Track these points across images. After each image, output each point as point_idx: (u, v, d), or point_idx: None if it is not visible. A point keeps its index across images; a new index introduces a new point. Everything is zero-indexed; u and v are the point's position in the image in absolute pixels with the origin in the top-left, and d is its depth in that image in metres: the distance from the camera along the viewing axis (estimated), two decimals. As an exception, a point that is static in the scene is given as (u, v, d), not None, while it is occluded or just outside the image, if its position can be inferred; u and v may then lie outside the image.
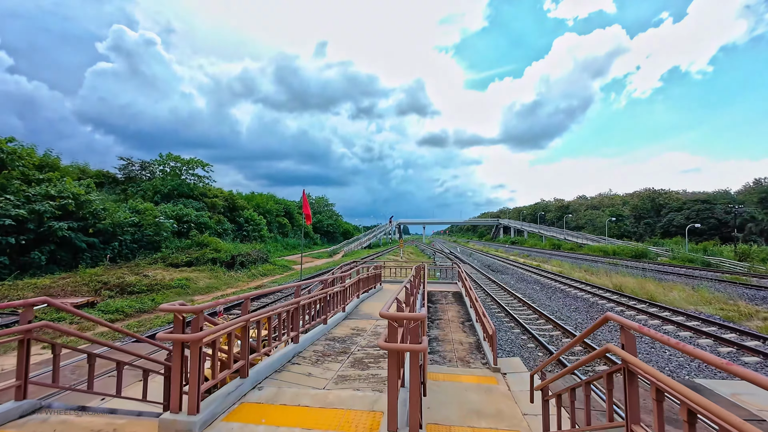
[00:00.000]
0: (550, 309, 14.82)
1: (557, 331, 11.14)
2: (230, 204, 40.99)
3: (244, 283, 21.21)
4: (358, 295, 9.65)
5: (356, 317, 8.19)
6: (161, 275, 18.63)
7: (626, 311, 13.73)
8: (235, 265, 23.92)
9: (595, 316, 13.51)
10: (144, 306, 13.56)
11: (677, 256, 37.01)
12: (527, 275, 26.69)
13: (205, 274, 20.73)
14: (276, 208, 57.81)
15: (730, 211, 61.41)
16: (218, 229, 34.76)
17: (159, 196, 31.43)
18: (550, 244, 68.50)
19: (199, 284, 18.64)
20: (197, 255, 22.83)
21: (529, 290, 19.89)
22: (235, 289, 19.14)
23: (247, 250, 26.52)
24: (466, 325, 9.90)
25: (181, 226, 28.80)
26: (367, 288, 11.27)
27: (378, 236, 78.01)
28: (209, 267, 21.99)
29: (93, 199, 21.53)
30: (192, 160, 35.90)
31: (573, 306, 15.58)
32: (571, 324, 12.29)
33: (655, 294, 17.23)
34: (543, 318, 12.80)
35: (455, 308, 11.59)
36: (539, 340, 9.76)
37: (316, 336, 6.15)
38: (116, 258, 21.84)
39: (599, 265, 33.09)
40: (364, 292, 10.79)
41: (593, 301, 15.93)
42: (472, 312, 10.45)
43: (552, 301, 16.94)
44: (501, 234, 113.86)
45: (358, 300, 9.63)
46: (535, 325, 11.93)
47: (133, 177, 33.32)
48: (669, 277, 23.96)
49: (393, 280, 16.45)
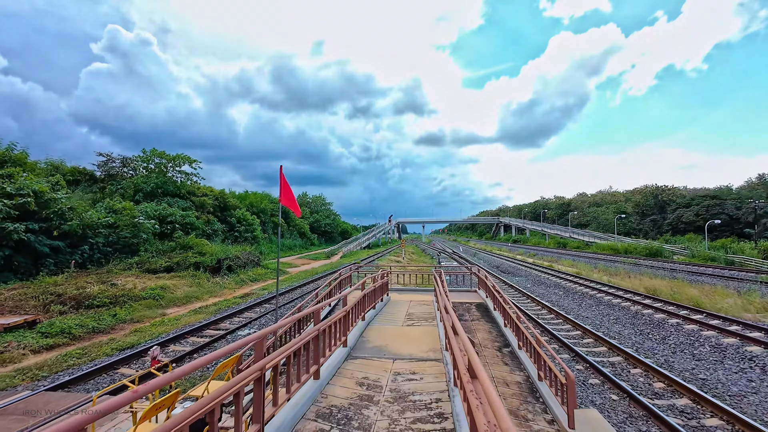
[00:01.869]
0: (588, 320, 12.53)
1: (617, 356, 8.83)
2: (221, 203, 38.54)
3: (230, 290, 18.80)
4: (363, 316, 7.31)
5: (363, 354, 5.82)
6: (133, 283, 16.20)
7: (683, 324, 11.44)
8: (222, 270, 21.50)
9: (648, 331, 11.24)
10: (101, 324, 11.15)
11: (696, 255, 34.89)
12: (543, 277, 24.43)
13: (185, 281, 18.31)
14: (271, 208, 55.33)
15: (740, 207, 59.60)
16: (207, 230, 32.33)
17: (141, 195, 28.91)
18: (555, 243, 66.39)
19: (177, 293, 16.22)
20: (178, 259, 20.39)
21: (552, 295, 17.61)
22: (218, 298, 16.74)
23: (236, 253, 24.09)
24: (505, 354, 7.57)
25: (164, 227, 26.33)
26: (373, 303, 8.92)
27: (377, 236, 75.67)
28: (191, 272, 19.56)
29: (59, 197, 19.05)
30: (178, 156, 33.38)
31: (612, 316, 13.30)
32: (628, 344, 10.00)
33: (700, 299, 15.01)
34: (590, 335, 10.50)
35: (484, 327, 9.25)
36: (605, 374, 7.42)
37: (300, 409, 3.76)
38: (86, 263, 19.38)
39: (617, 265, 30.91)
40: (370, 307, 8.45)
41: (635, 311, 13.64)
42: (509, 333, 8.12)
43: (584, 308, 14.66)
44: (501, 232, 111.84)
45: (364, 323, 7.28)
46: (585, 347, 9.63)
47: (113, 174, 30.75)
48: (700, 279, 21.76)
49: (400, 287, 14.11)
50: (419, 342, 6.36)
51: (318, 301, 8.58)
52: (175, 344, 9.54)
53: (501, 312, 9.20)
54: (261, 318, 12.19)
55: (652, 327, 11.57)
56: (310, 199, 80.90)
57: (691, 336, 10.31)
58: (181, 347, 9.29)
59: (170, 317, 12.78)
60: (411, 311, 9.53)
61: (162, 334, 10.46)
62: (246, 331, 10.31)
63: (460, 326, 3.77)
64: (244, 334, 10.03)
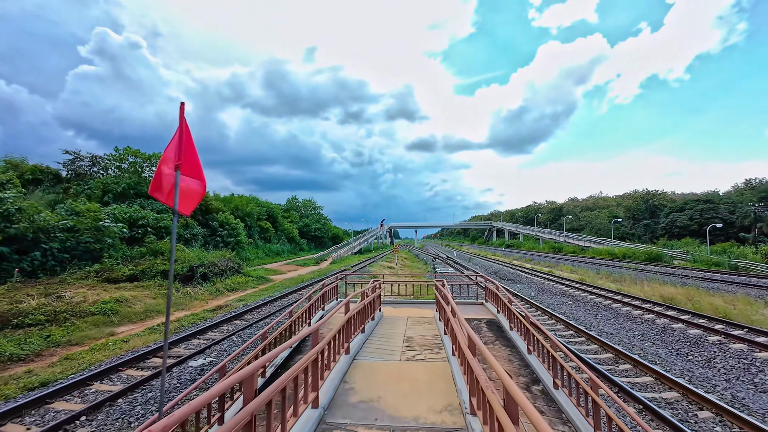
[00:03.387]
0: (615, 338, 10.79)
1: (670, 390, 7.04)
2: (202, 206, 36.15)
3: (203, 302, 16.63)
4: (347, 349, 5.37)
5: (343, 420, 3.79)
6: (84, 296, 13.95)
7: (728, 342, 9.75)
8: (195, 279, 19.28)
9: (686, 351, 9.52)
10: (24, 350, 8.97)
11: (699, 260, 33.78)
12: (546, 284, 22.78)
13: (149, 292, 16.09)
14: (258, 211, 52.95)
15: (734, 211, 59.41)
16: (185, 235, 29.99)
17: (110, 196, 26.50)
18: (550, 248, 65.23)
19: (136, 307, 14.01)
20: (144, 267, 18.13)
21: (563, 306, 15.89)
22: (186, 312, 14.57)
23: (213, 259, 21.87)
24: (537, 395, 5.72)
25: (135, 231, 23.99)
26: (362, 324, 6.99)
27: (369, 241, 73.64)
28: (158, 282, 17.33)
29: (4, 196, 16.73)
30: (155, 155, 31.04)
31: (637, 331, 11.60)
32: (676, 371, 8.25)
33: (727, 310, 13.45)
34: (624, 359, 8.72)
35: (501, 352, 7.39)
36: (674, 425, 5.60)
37: None
38: (37, 272, 17.01)
39: (621, 270, 29.50)
40: (358, 331, 6.52)
41: (661, 324, 11.96)
42: (538, 365, 6.29)
43: (602, 322, 12.94)
44: (494, 237, 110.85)
45: (348, 358, 5.34)
46: (625, 375, 7.84)
47: (81, 174, 28.25)
48: (714, 286, 20.35)
49: (394, 300, 12.18)
50: (427, 391, 4.47)
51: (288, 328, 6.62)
52: (101, 381, 7.40)
53: (522, 333, 7.36)
54: (226, 340, 10.10)
55: (690, 346, 9.87)
56: (299, 203, 78.56)
57: (743, 358, 8.63)
58: (108, 386, 7.17)
59: (119, 338, 10.63)
60: (410, 334, 7.63)
61: (95, 363, 8.33)
62: (199, 361, 8.23)
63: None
64: (195, 366, 7.96)
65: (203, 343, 9.78)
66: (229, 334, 10.58)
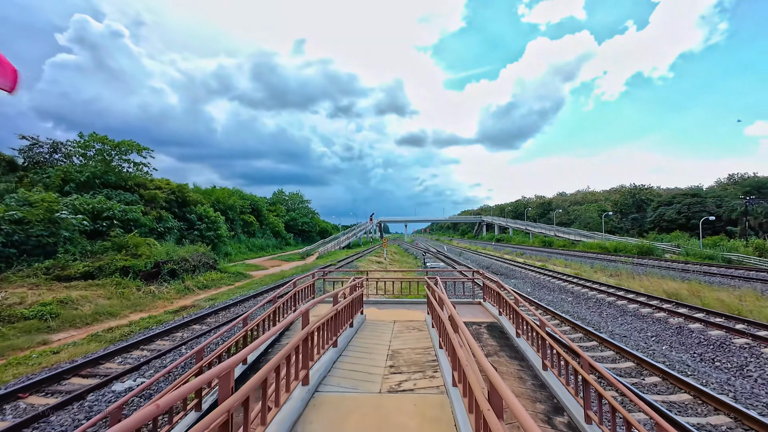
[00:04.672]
0: (630, 341, 9.57)
1: (716, 412, 5.77)
2: (179, 198, 33.97)
3: (166, 302, 14.87)
4: (305, 378, 3.86)
5: None
6: (23, 296, 12.07)
7: (758, 346, 8.59)
8: (161, 276, 17.45)
9: (712, 356, 8.34)
10: None
11: (691, 253, 33.34)
12: (542, 279, 21.68)
13: (105, 291, 14.26)
14: (241, 204, 50.72)
15: (720, 205, 59.84)
16: (159, 228, 27.89)
17: (72, 186, 24.24)
18: (540, 242, 64.84)
19: (84, 309, 12.20)
20: (102, 263, 16.22)
21: (564, 303, 14.71)
22: (144, 314, 12.82)
23: (183, 254, 20.01)
24: (559, 428, 4.33)
25: (99, 223, 21.90)
26: (335, 337, 5.48)
27: (358, 235, 72.04)
28: (116, 279, 15.47)
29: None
30: (124, 142, 28.67)
31: (649, 331, 10.42)
32: (713, 383, 7.03)
33: (739, 306, 12.43)
34: (649, 369, 7.46)
35: (510, 367, 5.98)
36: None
37: None
38: (-25, 269, 14.98)
39: (617, 264, 28.69)
40: (328, 347, 5.01)
41: (675, 324, 10.80)
42: (558, 387, 4.91)
43: (609, 321, 11.75)
44: (484, 231, 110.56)
45: (307, 390, 3.82)
46: (655, 391, 6.56)
47: (40, 162, 25.81)
48: (715, 280, 19.54)
49: (380, 300, 10.68)
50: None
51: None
52: None
53: (534, 344, 5.97)
54: (172, 352, 8.43)
55: (714, 350, 8.70)
56: (286, 196, 76.20)
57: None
58: None
59: (51, 347, 8.89)
60: (396, 346, 6.17)
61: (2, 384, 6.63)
62: (127, 383, 6.59)
63: None
64: (120, 390, 6.31)
65: (144, 355, 8.11)
66: (180, 343, 8.92)
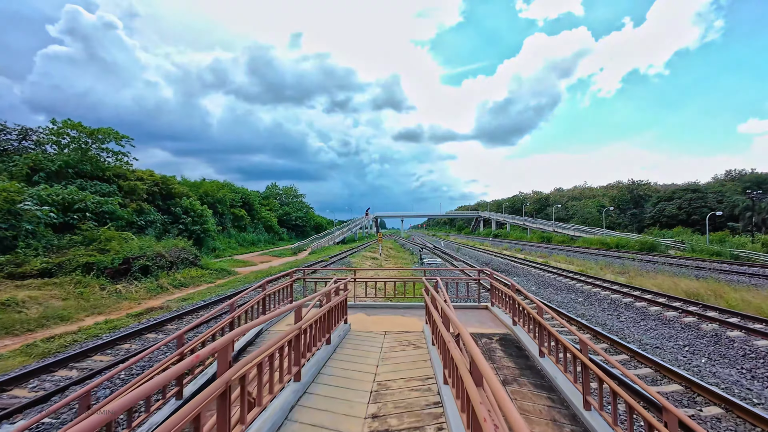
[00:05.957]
0: (660, 352, 8.15)
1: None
2: (163, 190, 32.17)
3: (133, 302, 13.26)
4: None
5: None
6: (-42, 298, 10.43)
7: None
8: (132, 273, 15.82)
9: (760, 371, 6.95)
10: None
11: (697, 249, 32.17)
12: (547, 276, 20.31)
13: (61, 291, 12.64)
14: (232, 198, 48.93)
15: (721, 200, 58.89)
16: (139, 222, 26.19)
17: (42, 175, 22.43)
18: (538, 237, 63.65)
19: (31, 312, 10.59)
20: (61, 260, 14.55)
21: (575, 304, 13.31)
22: (102, 317, 11.23)
23: (159, 249, 18.36)
24: None
25: (70, 216, 20.19)
26: (296, 366, 3.95)
27: (353, 230, 70.45)
28: (77, 277, 13.83)
29: None
30: (100, 129, 26.79)
31: (681, 340, 9.03)
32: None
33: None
34: (702, 393, 6.05)
35: (537, 403, 4.48)
36: None
37: None
38: None
39: (623, 261, 27.41)
40: (286, 377, 3.49)
41: (710, 331, 9.42)
42: (594, 420, 3.42)
43: (630, 325, 10.35)
44: (481, 227, 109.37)
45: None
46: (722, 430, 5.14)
47: (6, 150, 23.93)
48: (733, 278, 18.26)
49: (369, 304, 9.15)
50: None
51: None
52: None
53: (568, 369, 4.48)
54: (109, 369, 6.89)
55: (754, 360, 7.31)
56: (280, 190, 74.31)
57: None
58: None
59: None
60: (384, 375, 4.66)
61: None
62: (18, 423, 5.08)
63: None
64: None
65: (69, 377, 6.54)
66: (118, 359, 7.34)
